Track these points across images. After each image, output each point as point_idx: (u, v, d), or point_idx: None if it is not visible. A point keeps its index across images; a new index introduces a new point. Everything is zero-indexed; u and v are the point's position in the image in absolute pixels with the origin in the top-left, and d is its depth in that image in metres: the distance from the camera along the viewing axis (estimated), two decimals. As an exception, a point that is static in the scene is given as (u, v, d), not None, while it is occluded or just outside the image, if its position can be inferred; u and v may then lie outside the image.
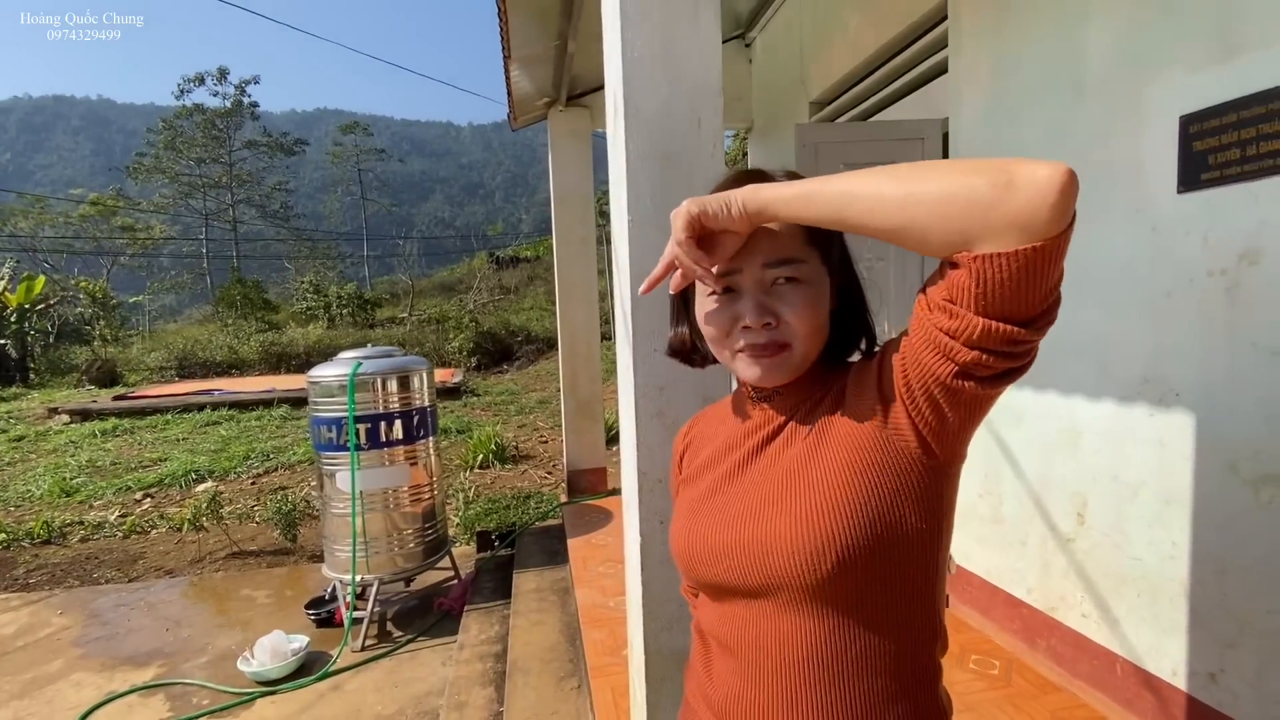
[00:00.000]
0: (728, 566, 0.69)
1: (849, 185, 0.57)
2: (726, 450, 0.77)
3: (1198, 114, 1.68)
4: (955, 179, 0.53)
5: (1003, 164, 0.52)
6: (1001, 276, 0.52)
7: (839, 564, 0.61)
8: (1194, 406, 1.74)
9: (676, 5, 1.14)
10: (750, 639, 0.69)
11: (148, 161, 32.92)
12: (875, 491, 0.62)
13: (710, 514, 0.73)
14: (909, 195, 0.54)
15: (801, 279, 0.67)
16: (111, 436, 8.87)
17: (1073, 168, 0.50)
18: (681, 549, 0.76)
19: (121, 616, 3.97)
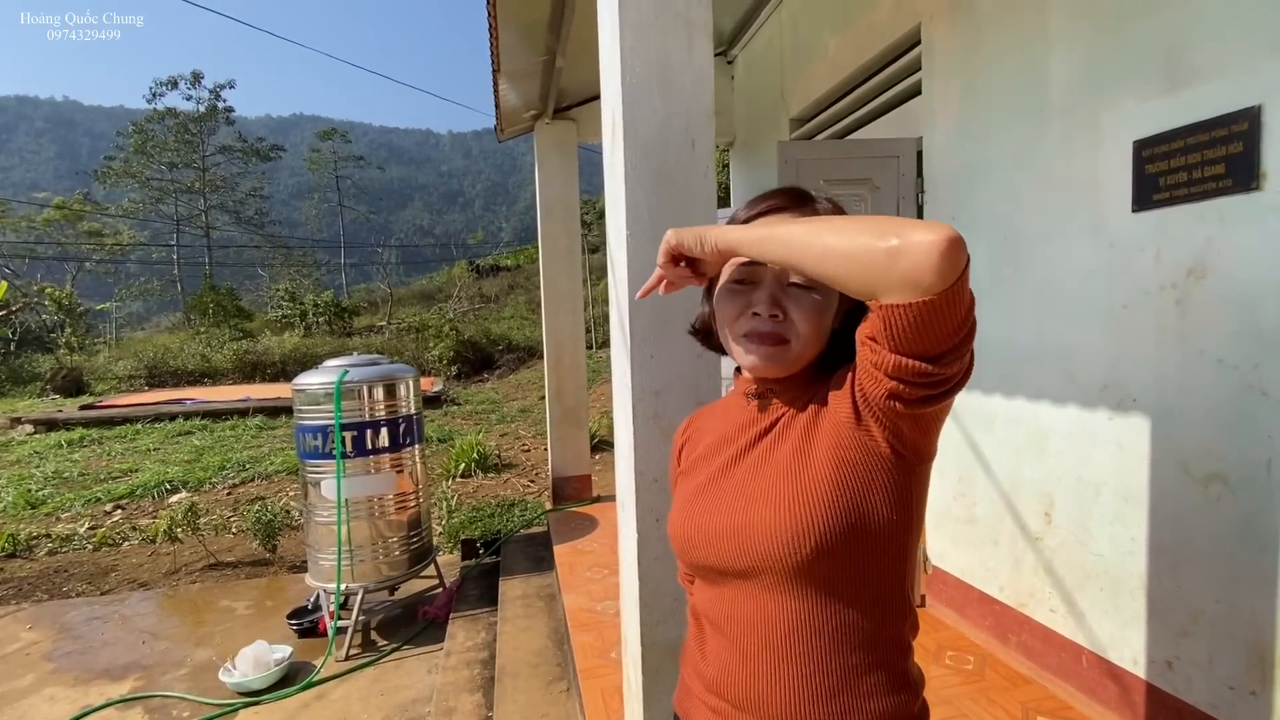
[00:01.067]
0: (718, 550, 0.76)
1: (791, 236, 0.66)
2: (722, 444, 0.84)
3: (1149, 139, 1.82)
4: (858, 240, 0.61)
5: (897, 228, 0.60)
6: (903, 323, 0.62)
7: (817, 549, 0.69)
8: (1149, 410, 1.86)
9: (672, 33, 1.22)
10: (739, 617, 0.76)
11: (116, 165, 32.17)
12: (850, 485, 0.70)
13: (705, 502, 0.80)
14: (826, 250, 0.63)
15: (814, 289, 0.76)
16: (79, 447, 8.67)
17: (956, 232, 0.58)
18: (678, 534, 0.83)
19: (94, 630, 3.89)
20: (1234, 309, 1.64)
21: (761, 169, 4.42)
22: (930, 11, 2.67)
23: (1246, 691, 1.64)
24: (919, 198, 2.82)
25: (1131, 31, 1.87)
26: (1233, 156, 1.62)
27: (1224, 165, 1.64)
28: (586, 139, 4.74)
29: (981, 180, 2.47)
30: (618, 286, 1.34)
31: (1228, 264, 1.65)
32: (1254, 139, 1.57)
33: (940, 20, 2.62)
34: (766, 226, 0.70)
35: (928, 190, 2.77)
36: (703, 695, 0.81)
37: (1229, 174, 1.63)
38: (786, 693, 0.72)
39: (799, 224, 0.67)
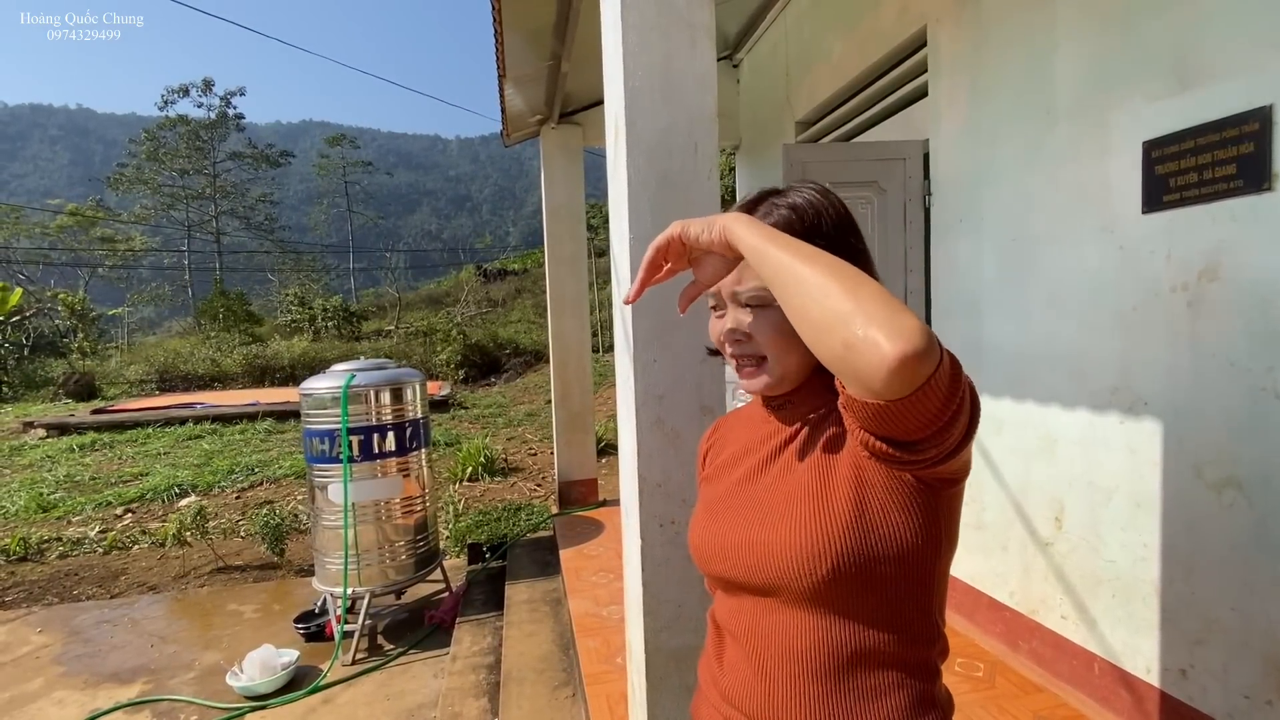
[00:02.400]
0: (735, 564, 0.75)
1: (781, 266, 0.61)
2: (744, 453, 0.83)
3: (1159, 140, 1.80)
4: (829, 314, 0.56)
5: (865, 319, 0.54)
6: (859, 410, 0.59)
7: (833, 571, 0.66)
8: (1161, 414, 1.83)
9: (675, 37, 1.22)
10: (758, 631, 0.74)
11: (129, 172, 32.56)
12: (871, 507, 0.67)
13: (725, 515, 0.79)
14: (802, 306, 0.59)
15: (769, 303, 0.73)
16: (90, 451, 8.73)
17: (927, 341, 0.52)
18: (697, 545, 0.82)
19: (104, 633, 3.91)
20: (1246, 311, 1.62)
21: (767, 172, 4.41)
22: (936, 13, 2.66)
23: (1263, 701, 1.61)
24: (926, 200, 2.80)
25: (1140, 31, 1.85)
26: (1244, 157, 1.59)
27: (1235, 166, 1.61)
28: (592, 143, 4.75)
29: (989, 182, 2.45)
30: (620, 290, 1.33)
31: (1240, 265, 1.63)
32: (1265, 139, 1.55)
33: (946, 22, 2.61)
34: (772, 240, 0.64)
35: (935, 193, 2.75)
36: (718, 705, 0.80)
37: (1240, 174, 1.61)
38: (804, 710, 0.70)
39: (799, 257, 0.61)
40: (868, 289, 0.56)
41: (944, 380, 0.55)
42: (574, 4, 2.97)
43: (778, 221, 0.74)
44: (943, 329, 2.75)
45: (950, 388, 0.56)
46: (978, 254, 2.52)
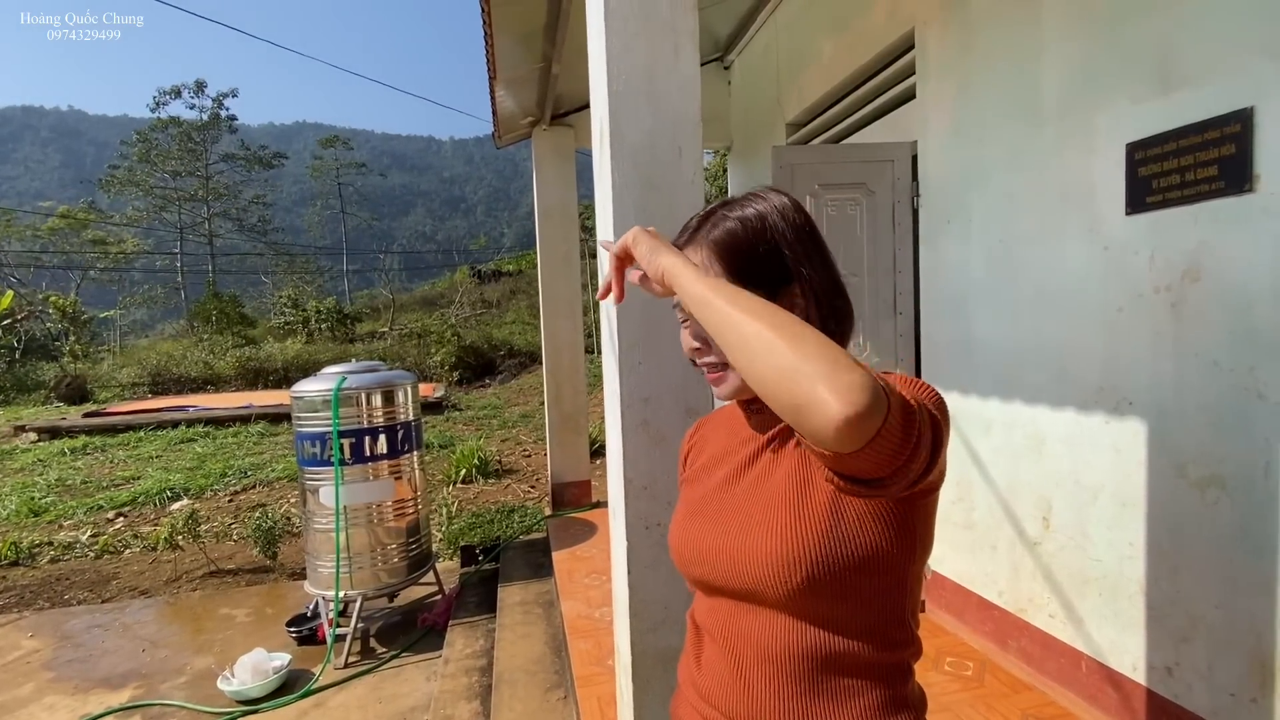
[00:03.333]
0: (713, 568, 0.76)
1: (725, 320, 0.62)
2: (724, 456, 0.84)
3: (1142, 142, 1.81)
4: (778, 370, 0.56)
5: (811, 379, 0.54)
6: (822, 460, 0.61)
7: (808, 579, 0.67)
8: (1145, 414, 1.85)
9: (659, 42, 1.22)
10: (735, 631, 0.75)
11: (120, 174, 32.32)
12: (847, 517, 0.68)
13: (704, 518, 0.80)
14: (749, 362, 0.59)
15: None
16: (82, 455, 8.68)
17: (872, 397, 0.53)
18: (676, 548, 0.83)
19: (95, 638, 3.89)
20: (1229, 311, 1.63)
21: (758, 174, 4.42)
22: (924, 16, 2.67)
23: (1247, 698, 1.62)
24: (914, 201, 2.81)
25: (1124, 34, 1.87)
26: (1225, 158, 1.61)
27: (1217, 167, 1.63)
28: (584, 145, 4.75)
29: (976, 183, 2.46)
30: (607, 294, 1.34)
31: (1222, 266, 1.65)
32: (1246, 141, 1.56)
33: (933, 24, 2.62)
34: (714, 292, 0.64)
35: (923, 194, 2.76)
36: (696, 703, 0.81)
37: (1222, 176, 1.62)
38: (780, 710, 0.71)
39: (741, 311, 0.61)
40: (811, 345, 0.56)
41: (895, 428, 0.56)
42: (565, 6, 2.97)
43: (723, 235, 0.76)
44: (932, 329, 2.76)
45: (903, 433, 0.57)
46: (966, 255, 2.53)
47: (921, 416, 0.60)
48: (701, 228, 0.78)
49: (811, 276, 0.75)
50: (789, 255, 0.74)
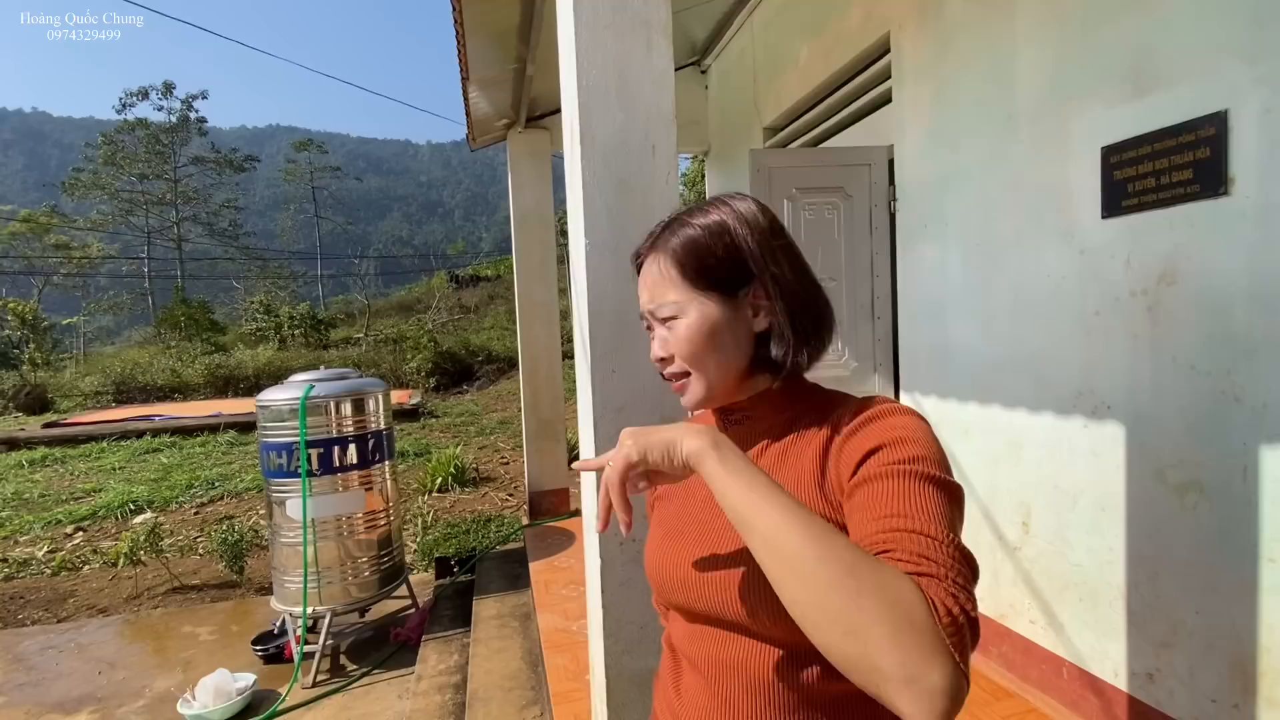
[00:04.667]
0: (698, 596, 0.71)
1: (776, 540, 0.53)
2: None
3: (1117, 145, 1.81)
4: (848, 633, 0.49)
5: (886, 666, 0.47)
6: None
7: None
8: (1123, 418, 1.84)
9: (630, 37, 1.17)
10: (719, 660, 0.71)
11: (85, 177, 31.46)
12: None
13: (685, 540, 0.75)
14: (789, 588, 0.52)
15: (680, 316, 0.72)
16: (40, 467, 8.36)
17: (956, 699, 0.45)
18: (654, 571, 0.77)
19: (49, 660, 3.72)
20: (1205, 315, 1.63)
21: (737, 178, 4.40)
22: (899, 20, 2.67)
23: (1229, 704, 1.61)
24: (891, 205, 2.80)
25: (1097, 37, 1.87)
26: (1200, 162, 1.61)
27: (1192, 171, 1.63)
28: (561, 148, 4.68)
29: (953, 187, 2.46)
30: (578, 299, 1.28)
31: (1198, 270, 1.64)
32: (1221, 144, 1.56)
33: (909, 28, 2.62)
34: (750, 489, 0.56)
35: (900, 198, 2.75)
36: None
37: (1197, 179, 1.62)
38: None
39: (784, 521, 0.53)
40: (869, 598, 0.48)
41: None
42: (538, 6, 2.92)
43: (681, 240, 0.73)
44: (909, 333, 2.75)
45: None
46: (943, 258, 2.52)
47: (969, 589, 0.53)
48: (662, 235, 0.76)
49: (776, 274, 0.72)
50: (749, 254, 0.72)
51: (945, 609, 0.49)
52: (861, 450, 0.64)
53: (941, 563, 0.53)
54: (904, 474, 0.59)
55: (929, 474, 0.59)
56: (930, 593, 0.50)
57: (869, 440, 0.64)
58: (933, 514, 0.56)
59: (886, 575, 0.50)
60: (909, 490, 0.58)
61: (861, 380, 2.87)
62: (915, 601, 0.49)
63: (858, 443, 0.65)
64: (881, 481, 0.60)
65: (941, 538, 0.55)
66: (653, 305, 0.75)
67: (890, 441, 0.62)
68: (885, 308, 2.81)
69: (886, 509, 0.57)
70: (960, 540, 0.56)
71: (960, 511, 0.60)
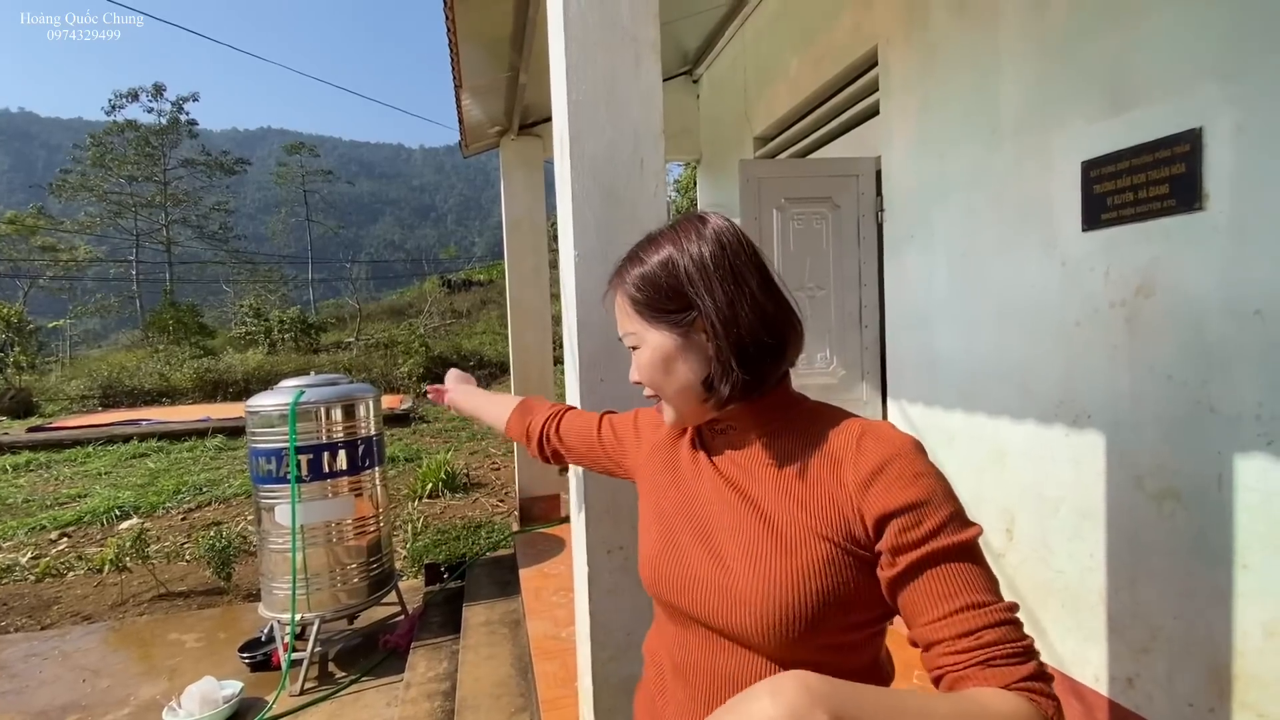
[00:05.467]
0: (693, 602, 0.72)
1: None
2: (693, 469, 0.81)
3: (1096, 160, 1.85)
4: None
5: None
6: None
7: (805, 632, 0.66)
8: (1103, 426, 1.88)
9: (619, 53, 1.20)
10: (708, 667, 0.72)
11: (73, 179, 31.18)
12: (851, 570, 0.66)
13: (683, 541, 0.76)
14: None
15: (640, 345, 0.77)
16: (24, 471, 8.28)
17: None
18: (649, 574, 0.79)
19: (32, 668, 3.67)
20: (1181, 326, 1.67)
21: (726, 187, 4.44)
22: (886, 34, 2.71)
23: (1205, 709, 1.64)
24: (878, 216, 2.84)
25: (1077, 55, 1.91)
26: (1175, 177, 1.65)
27: (1168, 186, 1.67)
28: (552, 155, 4.71)
29: (939, 199, 2.50)
30: (567, 308, 1.30)
31: (1174, 282, 1.68)
32: (1195, 160, 1.61)
33: (896, 42, 2.66)
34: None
35: (887, 209, 2.79)
36: None
37: (1173, 194, 1.66)
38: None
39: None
40: None
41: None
42: (531, 15, 2.94)
43: (633, 278, 0.76)
44: (897, 342, 2.78)
45: None
46: (929, 269, 2.56)
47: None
48: (623, 268, 0.79)
49: (711, 308, 0.71)
50: (689, 288, 0.73)
51: (1052, 706, 0.58)
52: (883, 507, 0.65)
53: (1017, 648, 0.60)
54: (946, 552, 0.63)
55: (965, 543, 0.64)
56: (1039, 701, 0.57)
57: (891, 497, 0.65)
58: (984, 586, 0.63)
59: (1007, 714, 0.55)
60: (958, 576, 0.63)
61: (849, 388, 2.90)
62: (1029, 714, 0.56)
63: (878, 497, 0.66)
64: (931, 570, 0.63)
65: (1004, 615, 0.61)
66: (621, 334, 0.80)
67: (914, 503, 0.64)
68: (873, 316, 2.85)
69: (949, 605, 0.62)
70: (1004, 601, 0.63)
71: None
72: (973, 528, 0.64)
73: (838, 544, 0.66)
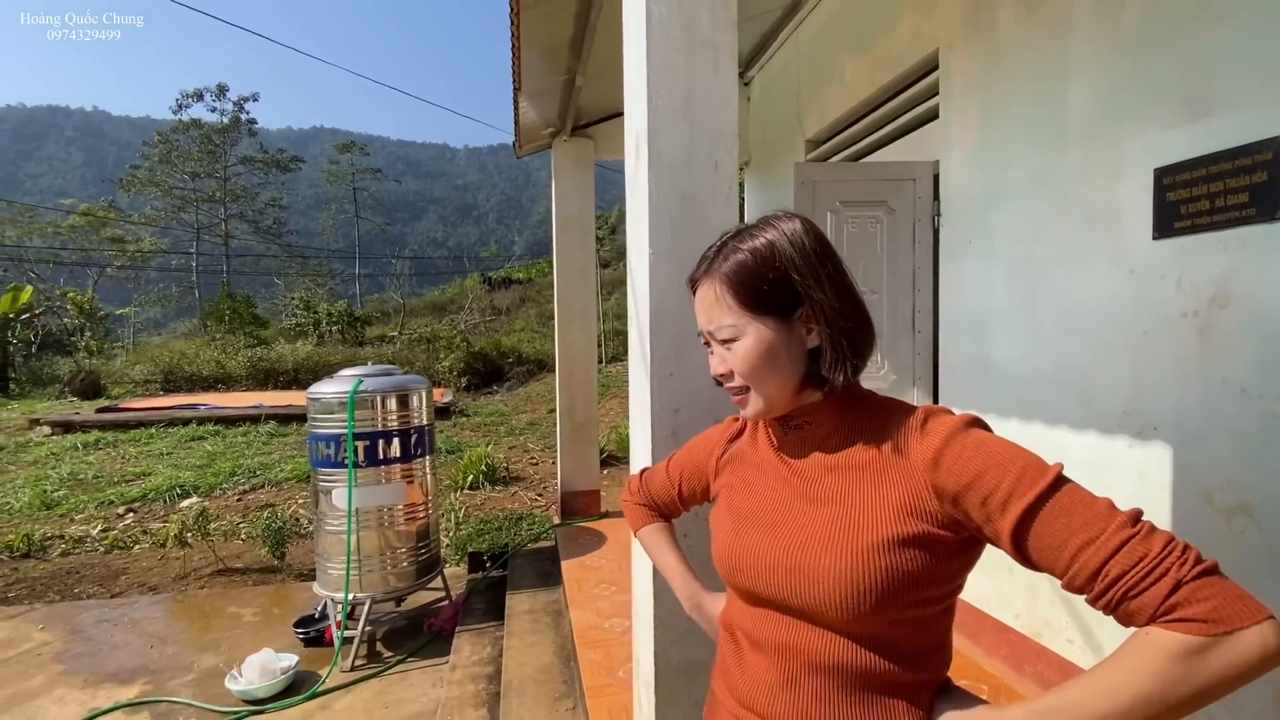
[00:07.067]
0: (768, 583, 0.77)
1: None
2: (769, 466, 0.85)
3: (1170, 167, 1.81)
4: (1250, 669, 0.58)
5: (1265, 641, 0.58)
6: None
7: (876, 607, 0.69)
8: (1170, 439, 1.84)
9: (699, 58, 1.24)
10: (786, 643, 0.76)
11: (141, 174, 32.82)
12: (920, 548, 0.69)
13: (758, 529, 0.80)
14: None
15: (737, 338, 0.78)
16: (94, 449, 8.75)
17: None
18: (725, 555, 0.83)
19: (104, 633, 3.91)
20: (1258, 338, 1.63)
21: (776, 190, 4.44)
22: (949, 38, 2.69)
23: (1272, 731, 1.60)
24: (935, 220, 2.82)
25: (1152, 62, 1.88)
26: (1257, 185, 1.61)
27: (1247, 194, 1.63)
28: (604, 156, 4.79)
29: (999, 204, 2.47)
30: (638, 304, 1.35)
31: (1251, 293, 1.64)
32: (1278, 169, 1.56)
33: (959, 47, 2.64)
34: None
35: (944, 214, 2.77)
36: (735, 710, 0.82)
37: (1253, 203, 1.62)
38: (826, 718, 0.73)
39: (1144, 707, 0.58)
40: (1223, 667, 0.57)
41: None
42: (592, 21, 3.01)
43: (732, 266, 0.78)
44: (950, 348, 2.76)
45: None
46: (987, 275, 2.53)
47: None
48: (715, 260, 0.80)
49: (821, 300, 0.76)
50: (798, 280, 0.76)
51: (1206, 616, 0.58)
52: (956, 482, 0.68)
53: (1147, 567, 0.60)
54: (1036, 504, 0.65)
55: (1049, 487, 0.65)
56: (1182, 628, 0.58)
57: (961, 470, 0.68)
58: (1087, 519, 0.64)
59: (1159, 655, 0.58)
60: (1057, 520, 0.64)
61: (900, 393, 2.88)
62: (1178, 650, 0.58)
63: (948, 473, 0.69)
64: (1031, 526, 0.65)
65: (1120, 539, 0.62)
66: (711, 327, 0.80)
67: (985, 470, 0.67)
68: (926, 322, 2.83)
69: (1066, 554, 0.63)
70: (1117, 520, 0.63)
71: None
72: (1051, 469, 0.66)
73: (908, 523, 0.70)
